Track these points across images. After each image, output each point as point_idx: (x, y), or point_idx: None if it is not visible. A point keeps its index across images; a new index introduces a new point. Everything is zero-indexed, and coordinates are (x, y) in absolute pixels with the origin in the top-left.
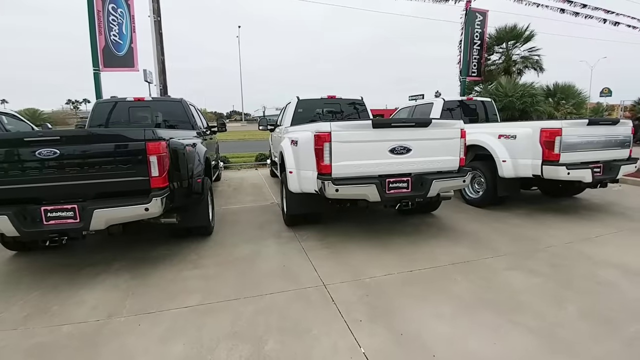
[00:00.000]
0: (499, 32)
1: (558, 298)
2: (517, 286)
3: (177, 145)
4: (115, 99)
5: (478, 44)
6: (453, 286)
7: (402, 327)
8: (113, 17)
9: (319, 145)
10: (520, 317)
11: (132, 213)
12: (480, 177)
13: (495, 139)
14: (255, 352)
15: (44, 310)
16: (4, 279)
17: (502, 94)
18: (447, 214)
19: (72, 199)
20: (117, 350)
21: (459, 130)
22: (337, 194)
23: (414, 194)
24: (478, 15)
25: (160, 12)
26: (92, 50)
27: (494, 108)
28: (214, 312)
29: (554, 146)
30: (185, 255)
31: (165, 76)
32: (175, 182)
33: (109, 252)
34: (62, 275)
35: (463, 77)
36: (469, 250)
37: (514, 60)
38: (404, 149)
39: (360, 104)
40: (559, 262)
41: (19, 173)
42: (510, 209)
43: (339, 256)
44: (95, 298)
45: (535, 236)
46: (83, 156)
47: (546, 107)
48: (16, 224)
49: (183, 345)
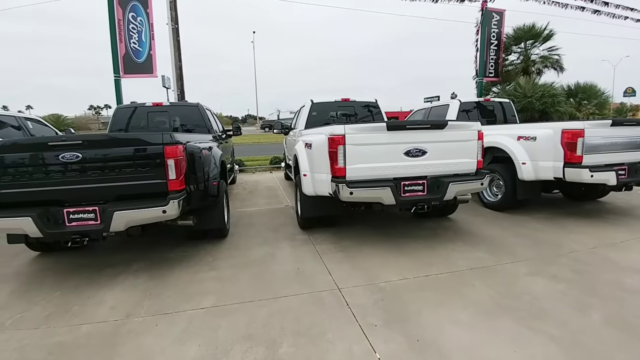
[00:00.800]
0: (517, 32)
1: (581, 305)
2: (538, 292)
3: (193, 149)
4: (135, 105)
5: (495, 44)
6: (471, 292)
7: (418, 333)
8: (133, 25)
9: (333, 148)
10: (541, 324)
11: (150, 215)
12: (498, 180)
13: (514, 140)
14: (270, 355)
15: (65, 309)
16: (28, 279)
17: (521, 94)
18: (464, 217)
19: (93, 201)
20: (134, 350)
21: (476, 132)
22: (351, 197)
23: (429, 197)
24: (495, 15)
25: (177, 19)
26: (113, 57)
27: (512, 109)
28: (229, 313)
29: (577, 148)
30: (201, 257)
31: (182, 82)
32: (192, 185)
33: (128, 254)
34: (83, 275)
35: (480, 78)
36: (487, 254)
37: (532, 60)
38: (420, 151)
39: (375, 107)
40: (582, 268)
41: (43, 176)
42: (531, 213)
43: (353, 260)
44: (114, 298)
45: (557, 241)
46: (104, 160)
47: (567, 108)
48: (40, 225)
49: (199, 346)
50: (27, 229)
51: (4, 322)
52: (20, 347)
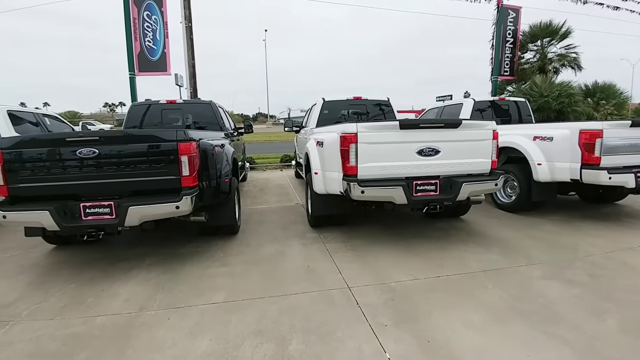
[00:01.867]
0: (533, 29)
1: (597, 310)
2: (553, 296)
3: (206, 146)
4: (149, 102)
5: (511, 42)
6: (483, 294)
7: (429, 334)
8: (148, 24)
9: (345, 147)
10: (556, 328)
11: (163, 210)
12: (513, 180)
13: (530, 140)
14: (280, 352)
15: (80, 301)
16: (45, 271)
17: (537, 93)
18: (476, 218)
19: (108, 196)
20: (147, 342)
21: (491, 131)
22: (362, 196)
23: (442, 197)
24: (511, 12)
25: (191, 18)
26: (128, 55)
27: (528, 109)
28: (240, 309)
29: (594, 149)
30: (213, 253)
31: (195, 80)
32: (205, 181)
33: (142, 248)
34: (97, 268)
35: (494, 77)
36: (500, 257)
37: (549, 58)
38: (433, 150)
39: (387, 105)
40: (599, 272)
41: (61, 171)
42: (546, 215)
43: (363, 259)
44: (128, 291)
45: (573, 244)
46: (119, 155)
47: (585, 108)
48: (57, 219)
49: (210, 340)
50: (44, 223)
51: (20, 312)
52: (35, 337)
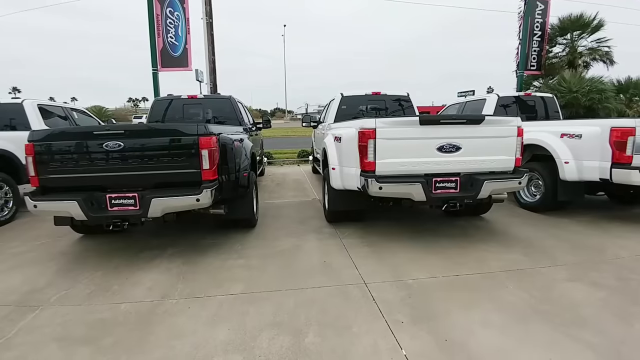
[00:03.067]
0: (563, 22)
1: (625, 314)
2: (577, 299)
3: (226, 140)
4: (171, 97)
5: (538, 35)
6: (504, 294)
7: (447, 333)
8: (170, 20)
9: (363, 142)
10: (580, 332)
11: (185, 203)
12: (537, 179)
13: (557, 138)
14: (296, 344)
15: (105, 288)
16: (73, 258)
17: (566, 89)
18: (498, 217)
19: (133, 187)
20: (168, 329)
21: (515, 128)
22: (380, 192)
23: (462, 195)
24: (539, 4)
25: (212, 14)
26: (151, 51)
27: (555, 105)
28: (257, 301)
29: (626, 147)
30: (231, 245)
31: (215, 75)
32: (224, 175)
33: (164, 239)
34: (122, 257)
35: (520, 71)
36: (523, 257)
37: (579, 52)
38: (453, 147)
39: (406, 100)
40: (627, 276)
41: (88, 163)
42: (571, 215)
43: (380, 255)
44: (150, 280)
45: (600, 246)
46: (143, 149)
47: (616, 104)
48: (84, 209)
49: (228, 330)
50: (73, 212)
51: (49, 298)
52: (64, 322)
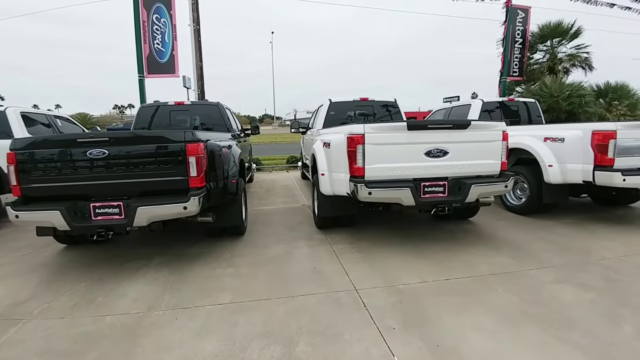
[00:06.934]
0: (543, 30)
1: (613, 315)
2: (566, 301)
3: (214, 147)
4: (158, 104)
5: (520, 42)
6: (494, 298)
7: (438, 338)
8: (157, 27)
9: (352, 148)
10: (569, 334)
11: (171, 211)
12: (522, 182)
13: (540, 142)
14: (287, 354)
15: (89, 300)
16: (55, 270)
17: (547, 94)
18: (486, 220)
19: (118, 196)
20: (155, 342)
21: (500, 132)
22: (369, 197)
23: (450, 199)
24: (520, 12)
25: (199, 21)
26: (137, 58)
27: (538, 109)
28: (247, 310)
29: (608, 150)
30: (220, 253)
31: (203, 81)
32: (212, 182)
33: (150, 248)
34: (107, 268)
35: (503, 78)
36: (511, 260)
37: (559, 58)
38: (441, 151)
39: (394, 106)
40: (613, 277)
41: (72, 171)
42: (557, 218)
43: (371, 261)
44: (136, 291)
45: (586, 247)
46: (128, 156)
47: (596, 109)
48: (67, 219)
49: (217, 341)
50: (55, 222)
51: (32, 311)
52: (46, 336)
